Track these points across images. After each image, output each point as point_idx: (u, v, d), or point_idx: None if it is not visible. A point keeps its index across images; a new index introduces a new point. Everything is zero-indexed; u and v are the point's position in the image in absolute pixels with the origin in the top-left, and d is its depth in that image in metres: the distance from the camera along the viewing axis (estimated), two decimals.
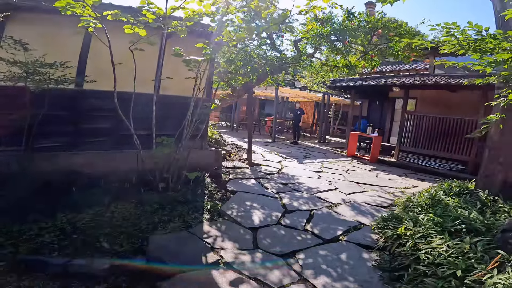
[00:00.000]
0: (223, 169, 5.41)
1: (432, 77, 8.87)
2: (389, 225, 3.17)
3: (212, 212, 3.56)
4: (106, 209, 3.31)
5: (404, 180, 6.42)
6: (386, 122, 11.33)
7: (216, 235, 3.02)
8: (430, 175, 7.41)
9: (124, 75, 3.70)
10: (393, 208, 4.32)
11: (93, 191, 3.61)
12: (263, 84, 7.77)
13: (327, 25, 5.98)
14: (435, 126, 8.09)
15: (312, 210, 3.96)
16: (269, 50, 6.74)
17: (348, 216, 3.89)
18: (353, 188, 5.29)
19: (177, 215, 3.35)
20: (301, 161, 7.49)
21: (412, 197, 4.07)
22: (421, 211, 3.40)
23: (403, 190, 5.47)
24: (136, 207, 3.43)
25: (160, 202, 3.56)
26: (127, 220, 3.13)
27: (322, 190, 4.86)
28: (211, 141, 6.40)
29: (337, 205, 4.26)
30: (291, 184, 5.09)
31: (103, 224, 3.01)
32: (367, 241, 3.19)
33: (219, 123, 18.68)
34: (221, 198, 4.04)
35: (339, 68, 7.65)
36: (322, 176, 5.98)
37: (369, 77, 11.15)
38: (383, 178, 6.44)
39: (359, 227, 3.60)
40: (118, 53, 3.50)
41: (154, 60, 4.40)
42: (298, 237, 3.18)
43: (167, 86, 4.60)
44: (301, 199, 4.31)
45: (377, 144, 8.74)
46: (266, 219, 3.52)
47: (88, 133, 4.01)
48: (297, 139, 11.45)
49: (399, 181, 6.24)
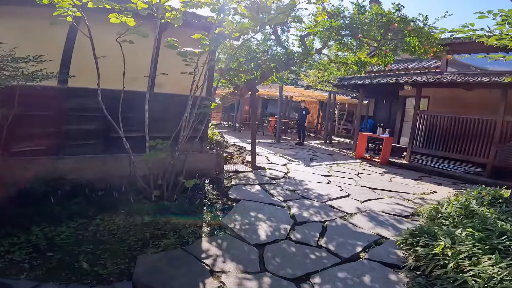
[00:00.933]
0: (224, 174, 4.98)
1: (446, 75, 8.39)
2: (420, 241, 2.71)
3: (212, 225, 3.13)
4: (90, 222, 2.89)
5: (420, 185, 5.95)
6: (395, 122, 10.84)
7: (216, 255, 2.59)
8: (446, 178, 6.94)
9: (115, 71, 3.29)
10: (415, 218, 3.86)
11: (77, 201, 3.20)
12: (267, 82, 7.34)
13: (338, 18, 5.53)
14: (450, 126, 7.60)
15: (325, 221, 3.51)
16: (273, 46, 6.30)
17: (366, 228, 3.44)
18: (367, 194, 4.83)
19: (172, 229, 2.92)
20: (308, 164, 7.04)
21: (438, 206, 3.61)
22: (454, 224, 2.95)
23: (422, 196, 5.00)
24: (125, 219, 3.01)
25: (153, 213, 3.14)
26: (113, 235, 2.72)
27: (333, 198, 4.41)
28: (212, 143, 5.97)
29: (352, 215, 3.81)
30: (299, 190, 4.65)
31: (85, 239, 2.60)
32: (393, 259, 2.75)
33: (221, 123, 18.27)
34: (222, 207, 3.61)
35: (348, 65, 7.20)
36: (332, 180, 5.53)
37: (377, 75, 10.66)
38: (397, 182, 5.98)
39: (380, 241, 3.15)
40: (107, 47, 3.09)
41: (149, 55, 3.99)
42: (311, 255, 2.74)
43: (164, 83, 4.18)
44: (311, 208, 3.87)
45: (388, 146, 8.27)
46: (274, 233, 3.08)
47: (74, 136, 3.59)
48: (302, 140, 11.00)
49: (416, 186, 5.77)
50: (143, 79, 3.59)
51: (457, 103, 8.81)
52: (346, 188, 5.03)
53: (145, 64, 3.84)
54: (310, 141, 12.48)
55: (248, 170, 5.56)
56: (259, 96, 16.85)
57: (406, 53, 5.92)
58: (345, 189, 4.96)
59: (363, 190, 5.09)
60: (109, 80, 3.31)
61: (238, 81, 6.56)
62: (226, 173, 5.06)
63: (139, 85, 3.76)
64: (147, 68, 3.85)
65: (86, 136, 3.62)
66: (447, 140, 7.71)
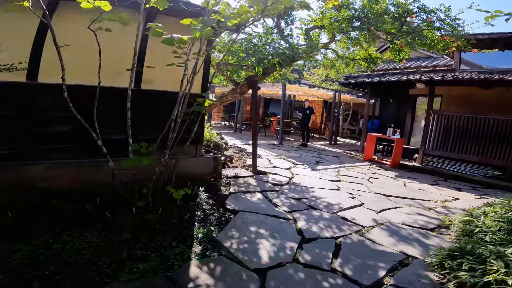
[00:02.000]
0: (222, 179, 4.48)
1: (461, 73, 7.85)
2: (463, 265, 2.18)
3: (205, 244, 2.63)
4: (56, 239, 2.41)
5: (439, 190, 5.41)
6: (405, 122, 10.27)
7: (207, 284, 2.08)
8: (463, 182, 6.39)
9: (95, 65, 2.81)
10: (442, 231, 3.34)
11: (45, 213, 2.72)
12: (269, 79, 6.83)
13: (349, 8, 5.01)
14: (467, 126, 7.05)
15: (338, 237, 3.00)
16: (276, 39, 5.79)
17: (387, 244, 2.92)
18: (382, 202, 4.31)
19: (155, 249, 2.43)
20: (313, 167, 6.52)
21: (472, 219, 3.08)
22: (497, 241, 2.43)
23: (444, 204, 4.47)
24: (99, 235, 2.53)
25: (135, 228, 2.65)
26: (82, 255, 2.23)
27: (345, 207, 3.89)
28: (209, 145, 5.47)
29: (369, 228, 3.28)
30: (306, 199, 4.13)
31: (46, 260, 2.12)
32: (426, 286, 2.23)
33: (222, 123, 17.80)
34: (218, 221, 3.10)
35: (356, 61, 6.68)
36: (342, 186, 5.01)
37: (385, 73, 10.12)
38: (412, 188, 5.44)
39: (406, 261, 2.63)
40: (90, 36, 2.62)
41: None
42: (324, 283, 2.23)
43: (154, 78, 3.69)
44: (321, 221, 3.35)
45: (400, 148, 7.73)
46: (278, 253, 2.57)
47: (46, 138, 3.10)
48: (306, 141, 10.46)
49: (434, 192, 5.23)
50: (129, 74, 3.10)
51: (472, 102, 8.26)
52: (358, 196, 4.50)
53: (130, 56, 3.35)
54: (314, 142, 11.95)
55: (249, 175, 5.05)
56: (261, 95, 16.36)
57: (423, 47, 5.38)
58: (357, 197, 4.43)
59: (377, 197, 4.56)
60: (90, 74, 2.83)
61: (238, 78, 6.06)
62: (224, 179, 4.55)
63: (125, 81, 3.28)
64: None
65: (60, 138, 3.13)
66: (463, 141, 7.16)
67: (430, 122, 7.59)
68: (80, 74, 3.04)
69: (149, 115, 3.59)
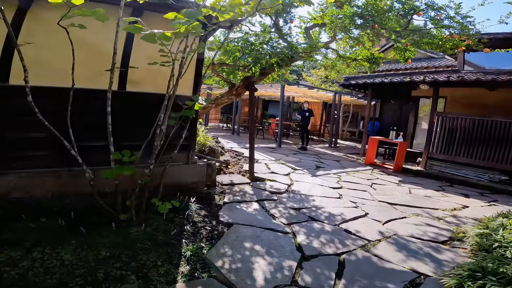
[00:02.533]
0: (217, 188, 4.20)
1: (466, 74, 7.59)
2: (487, 287, 1.91)
3: (194, 263, 2.35)
4: (25, 255, 2.14)
5: (446, 197, 5.13)
6: (407, 125, 10.00)
7: None
8: (470, 188, 6.11)
9: (83, 66, 2.56)
10: (455, 244, 3.06)
11: (15, 226, 2.45)
12: (267, 80, 6.56)
13: (351, 4, 4.74)
14: (473, 129, 6.77)
15: (342, 253, 2.72)
16: (274, 38, 5.53)
17: (395, 261, 2.64)
18: (388, 212, 4.03)
19: (137, 269, 2.15)
20: (313, 173, 6.24)
21: (489, 231, 2.81)
22: None
23: (454, 213, 4.19)
24: (74, 252, 2.25)
25: (115, 245, 2.38)
26: (51, 275, 1.97)
27: (348, 218, 3.61)
28: (203, 150, 5.19)
29: (375, 243, 3.00)
30: (306, 209, 3.84)
31: (10, 280, 1.86)
32: None
33: (219, 125, 17.52)
34: (209, 235, 2.82)
35: (358, 61, 6.41)
36: (343, 194, 4.73)
37: (387, 74, 9.86)
38: (418, 195, 5.16)
39: (418, 281, 2.36)
40: (72, 36, 2.36)
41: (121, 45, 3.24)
42: None
43: (139, 79, 3.41)
44: (322, 235, 3.07)
45: (403, 151, 7.45)
46: (275, 275, 2.29)
47: (20, 146, 2.82)
48: (306, 144, 10.17)
49: (441, 199, 4.95)
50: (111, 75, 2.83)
51: (477, 104, 8.00)
52: (362, 204, 4.22)
53: (117, 57, 3.07)
54: (314, 145, 11.67)
55: (245, 181, 4.77)
56: (258, 97, 16.10)
57: (430, 46, 5.11)
58: (361, 206, 4.15)
59: (381, 206, 4.28)
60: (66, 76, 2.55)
61: (234, 79, 5.80)
62: (219, 187, 4.28)
63: (108, 83, 3.02)
64: (118, 62, 3.09)
65: (35, 146, 2.85)
66: (469, 144, 6.88)
67: (434, 124, 7.32)
68: (59, 75, 2.76)
69: (135, 119, 3.33)
